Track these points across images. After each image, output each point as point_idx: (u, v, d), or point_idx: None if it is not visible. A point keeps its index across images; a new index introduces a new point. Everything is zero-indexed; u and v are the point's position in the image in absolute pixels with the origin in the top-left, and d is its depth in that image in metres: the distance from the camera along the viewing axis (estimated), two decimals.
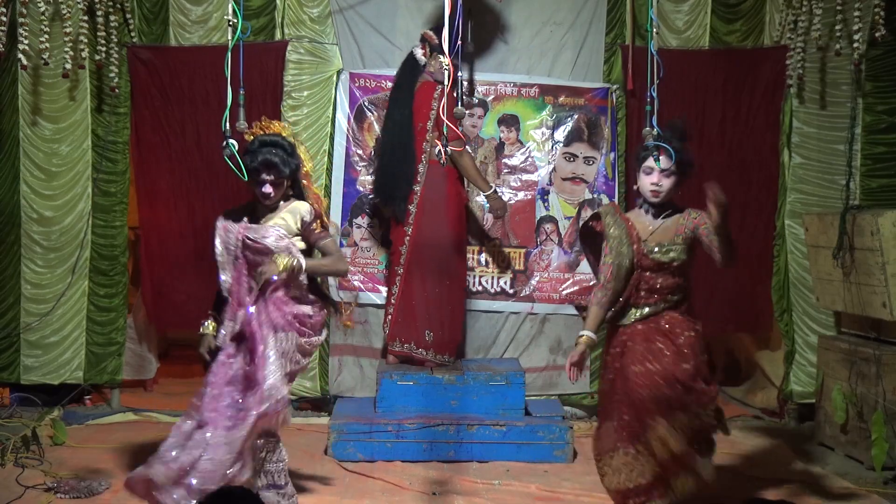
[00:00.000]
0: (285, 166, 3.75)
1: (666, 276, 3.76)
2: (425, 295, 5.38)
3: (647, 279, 3.77)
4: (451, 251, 5.42)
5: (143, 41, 5.84)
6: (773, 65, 5.88)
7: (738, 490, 4.38)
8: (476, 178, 5.42)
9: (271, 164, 3.71)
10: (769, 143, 5.94)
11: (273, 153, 3.72)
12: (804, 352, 5.86)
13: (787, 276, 5.92)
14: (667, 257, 3.74)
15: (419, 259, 5.35)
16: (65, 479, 4.45)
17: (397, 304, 5.41)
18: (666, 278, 3.76)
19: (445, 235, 5.37)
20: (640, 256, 3.75)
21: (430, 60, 5.35)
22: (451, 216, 5.40)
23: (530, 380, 5.63)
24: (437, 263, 5.36)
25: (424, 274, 5.36)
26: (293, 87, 5.80)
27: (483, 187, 5.45)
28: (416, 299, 5.38)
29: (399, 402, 5.15)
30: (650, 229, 3.80)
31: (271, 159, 3.71)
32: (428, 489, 4.51)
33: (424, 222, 5.34)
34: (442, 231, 5.35)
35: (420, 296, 5.38)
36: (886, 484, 4.65)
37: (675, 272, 3.77)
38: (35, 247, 5.84)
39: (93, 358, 5.88)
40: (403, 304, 5.40)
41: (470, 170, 5.38)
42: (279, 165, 3.73)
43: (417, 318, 5.38)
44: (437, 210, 5.34)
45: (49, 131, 5.82)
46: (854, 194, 5.79)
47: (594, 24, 5.94)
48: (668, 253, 3.74)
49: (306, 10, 5.85)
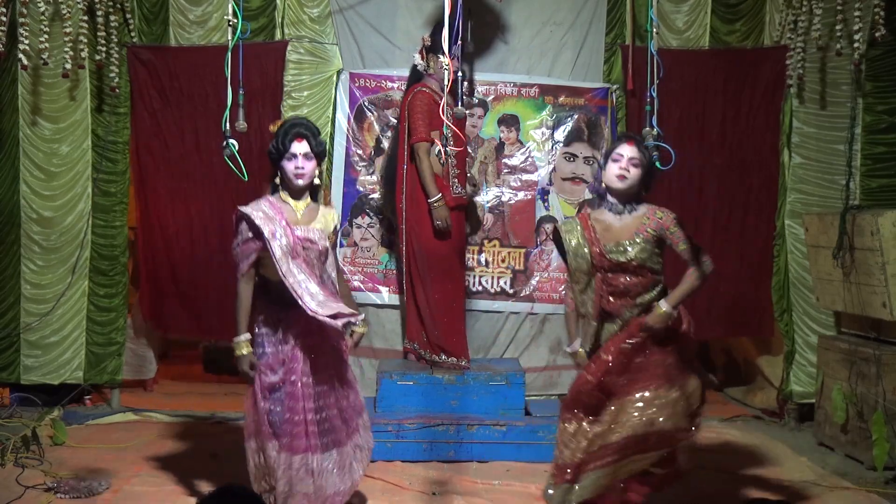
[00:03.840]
0: (315, 139, 3.73)
1: (629, 276, 3.66)
2: (424, 296, 5.38)
3: (609, 280, 3.68)
4: (444, 250, 5.35)
5: (143, 41, 5.84)
6: (773, 65, 5.88)
7: (738, 490, 4.38)
8: (426, 182, 5.26)
9: (303, 135, 3.69)
10: (769, 143, 5.93)
11: (305, 128, 3.72)
12: (804, 352, 5.86)
13: (787, 276, 5.92)
14: (624, 257, 3.64)
15: (416, 259, 5.36)
16: (65, 479, 4.45)
17: (408, 305, 5.46)
18: (629, 278, 3.66)
19: (432, 235, 5.30)
20: (599, 257, 3.68)
21: (428, 63, 5.34)
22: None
23: (530, 380, 5.63)
24: (432, 263, 5.34)
25: (423, 274, 5.35)
26: (293, 87, 5.80)
27: (428, 194, 5.27)
28: (419, 300, 5.40)
29: (399, 402, 5.15)
30: (609, 227, 3.71)
31: (303, 132, 3.70)
32: (428, 489, 4.51)
33: (412, 223, 5.34)
34: (428, 231, 5.29)
35: (420, 296, 5.40)
36: (887, 484, 4.65)
37: (637, 272, 3.65)
38: (35, 247, 5.84)
39: (93, 358, 5.88)
40: (409, 304, 5.45)
41: (424, 172, 5.25)
42: (310, 138, 3.71)
43: (421, 319, 5.39)
44: (421, 211, 5.31)
45: (49, 131, 5.82)
46: (854, 194, 5.79)
47: (594, 24, 5.94)
48: (624, 252, 3.64)
49: (306, 10, 5.85)
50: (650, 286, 3.69)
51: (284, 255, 3.61)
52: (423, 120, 5.23)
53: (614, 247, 3.66)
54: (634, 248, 3.63)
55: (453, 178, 5.35)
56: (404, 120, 5.35)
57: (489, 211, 5.93)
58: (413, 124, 5.26)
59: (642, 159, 3.69)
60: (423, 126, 5.23)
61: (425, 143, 5.24)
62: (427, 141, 5.24)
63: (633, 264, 3.64)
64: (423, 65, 5.35)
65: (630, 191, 3.70)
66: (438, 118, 5.28)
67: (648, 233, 3.65)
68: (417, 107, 5.25)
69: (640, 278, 3.67)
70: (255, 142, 5.68)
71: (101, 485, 4.37)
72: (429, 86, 5.33)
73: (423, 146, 5.24)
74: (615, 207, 3.73)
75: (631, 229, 3.67)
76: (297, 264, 3.64)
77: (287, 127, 3.74)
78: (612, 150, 3.74)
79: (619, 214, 3.72)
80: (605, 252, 3.66)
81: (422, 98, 5.27)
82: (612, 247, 3.66)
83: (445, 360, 5.35)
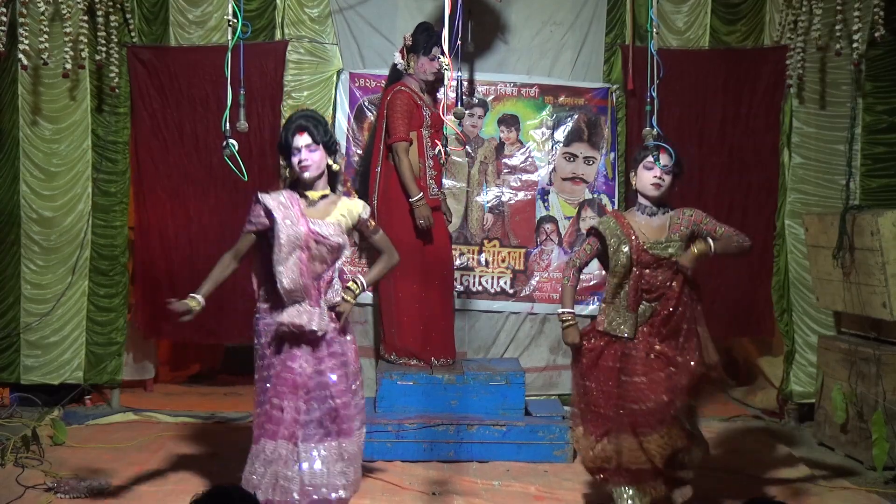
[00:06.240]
0: (318, 129, 3.68)
1: (665, 272, 3.80)
2: (389, 294, 5.37)
3: (647, 277, 3.80)
4: (413, 250, 5.26)
5: (143, 41, 5.84)
6: (773, 65, 5.88)
7: (738, 490, 4.38)
8: (406, 181, 5.23)
9: (303, 127, 3.66)
10: (769, 143, 5.93)
11: (305, 119, 3.69)
12: (804, 352, 5.86)
13: (787, 276, 5.92)
14: (665, 252, 3.79)
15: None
16: (65, 479, 4.44)
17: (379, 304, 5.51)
18: (665, 273, 3.80)
19: (401, 234, 5.22)
20: (640, 252, 3.78)
21: (408, 62, 5.34)
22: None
23: (530, 380, 5.63)
24: (413, 262, 5.27)
25: (405, 276, 5.28)
26: (293, 87, 5.80)
27: (409, 192, 5.25)
28: (382, 298, 5.42)
29: (399, 401, 5.15)
30: (643, 226, 3.85)
31: (303, 123, 3.67)
32: (428, 489, 4.51)
33: (383, 222, 5.28)
34: (398, 230, 5.20)
35: (385, 295, 5.39)
36: (887, 484, 4.65)
37: (673, 267, 3.80)
38: (35, 247, 5.84)
39: (93, 358, 5.88)
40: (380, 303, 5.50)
41: (404, 171, 5.23)
42: (311, 128, 3.66)
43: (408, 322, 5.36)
44: (392, 210, 5.29)
45: (49, 131, 5.82)
46: (854, 194, 5.79)
47: (594, 24, 5.94)
48: (666, 248, 3.79)
49: (306, 10, 5.85)
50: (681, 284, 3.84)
51: (289, 243, 3.60)
52: (402, 119, 5.22)
53: (654, 244, 3.79)
54: (674, 246, 3.79)
55: (430, 179, 5.34)
56: (382, 119, 5.33)
57: (489, 211, 5.93)
58: (392, 124, 5.24)
59: (674, 166, 3.83)
60: (403, 126, 5.22)
61: (404, 143, 5.23)
62: (406, 140, 5.23)
63: (671, 259, 3.79)
64: (403, 64, 5.35)
65: (664, 197, 3.85)
66: (418, 118, 5.29)
67: (682, 231, 3.83)
68: (397, 106, 5.23)
69: (672, 273, 3.81)
70: (254, 142, 5.69)
71: (101, 485, 4.36)
72: (408, 85, 5.33)
73: (402, 146, 5.22)
74: (648, 209, 3.88)
75: (665, 228, 3.84)
76: (300, 257, 3.62)
77: (288, 121, 3.75)
78: (645, 157, 3.86)
79: (652, 216, 3.87)
80: (646, 248, 3.79)
81: (401, 97, 5.25)
82: (651, 244, 3.79)
83: (397, 360, 5.35)
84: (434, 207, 5.35)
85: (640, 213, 3.90)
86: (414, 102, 5.26)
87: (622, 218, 3.90)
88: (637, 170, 3.88)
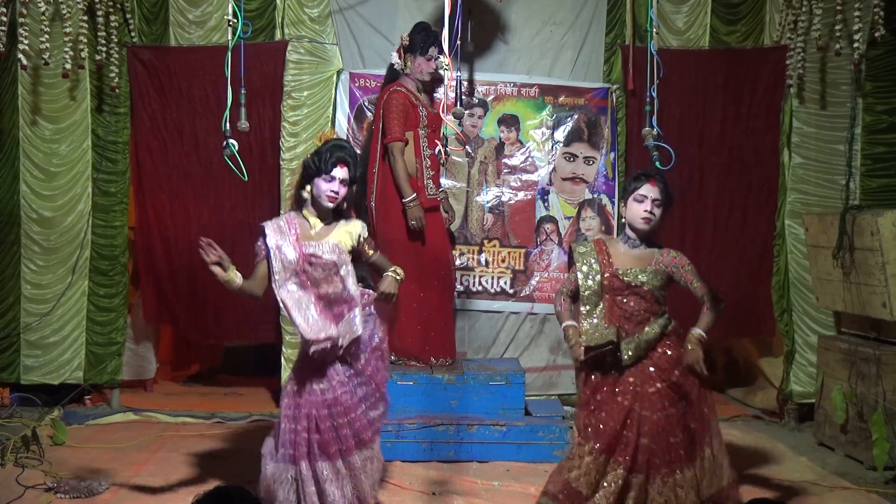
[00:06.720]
0: (355, 167, 3.73)
1: (638, 300, 3.72)
2: (408, 298, 5.35)
3: (619, 304, 3.73)
4: (408, 251, 5.25)
5: (143, 41, 5.84)
6: (773, 65, 5.88)
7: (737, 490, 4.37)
8: (400, 181, 5.23)
9: (346, 161, 3.69)
10: (769, 143, 5.93)
11: (349, 154, 3.71)
12: (804, 352, 5.86)
13: (787, 276, 5.92)
14: (637, 280, 3.71)
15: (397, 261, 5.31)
16: (65, 479, 4.44)
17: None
18: (638, 302, 3.72)
19: (399, 234, 5.25)
20: (611, 278, 3.73)
21: (405, 62, 5.33)
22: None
23: (530, 380, 5.63)
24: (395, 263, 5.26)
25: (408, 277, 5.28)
26: (293, 87, 5.80)
27: (402, 193, 5.24)
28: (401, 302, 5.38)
29: (399, 402, 5.14)
30: (623, 254, 3.79)
31: (347, 158, 3.69)
32: (428, 489, 4.51)
33: (381, 222, 5.29)
34: (395, 230, 5.24)
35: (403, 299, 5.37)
36: (887, 484, 4.65)
37: (647, 297, 3.72)
38: (35, 247, 5.84)
39: (93, 358, 5.88)
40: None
41: (398, 171, 5.23)
42: (351, 166, 3.70)
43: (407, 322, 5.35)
44: (389, 210, 5.28)
45: (49, 131, 5.82)
46: (854, 194, 5.79)
47: (594, 24, 5.94)
48: (638, 276, 3.71)
49: (306, 10, 5.85)
50: (657, 315, 3.75)
51: (284, 270, 3.66)
52: (398, 119, 5.21)
53: (628, 271, 3.72)
54: (647, 275, 3.70)
55: (428, 178, 5.34)
56: (379, 119, 5.33)
57: (489, 211, 5.93)
58: (388, 124, 5.23)
59: (665, 198, 3.74)
60: (398, 126, 5.21)
61: (399, 143, 5.22)
62: (401, 140, 5.23)
63: (644, 289, 3.71)
64: (401, 64, 5.35)
65: (653, 230, 3.78)
66: (414, 118, 5.29)
67: (660, 266, 3.73)
68: (393, 106, 5.23)
69: (649, 304, 3.73)
70: (255, 142, 5.70)
71: (101, 485, 4.36)
72: (405, 85, 5.32)
73: (398, 146, 5.22)
74: (632, 242, 3.81)
75: (645, 260, 3.76)
76: (298, 282, 3.67)
77: (332, 147, 3.72)
78: (635, 189, 3.76)
79: (634, 248, 3.80)
80: (617, 274, 3.72)
81: (397, 97, 5.25)
82: (625, 271, 3.72)
83: (396, 360, 5.33)
84: (433, 208, 5.35)
85: (622, 242, 3.83)
86: (410, 102, 5.26)
87: (601, 244, 3.84)
88: (627, 201, 3.79)
